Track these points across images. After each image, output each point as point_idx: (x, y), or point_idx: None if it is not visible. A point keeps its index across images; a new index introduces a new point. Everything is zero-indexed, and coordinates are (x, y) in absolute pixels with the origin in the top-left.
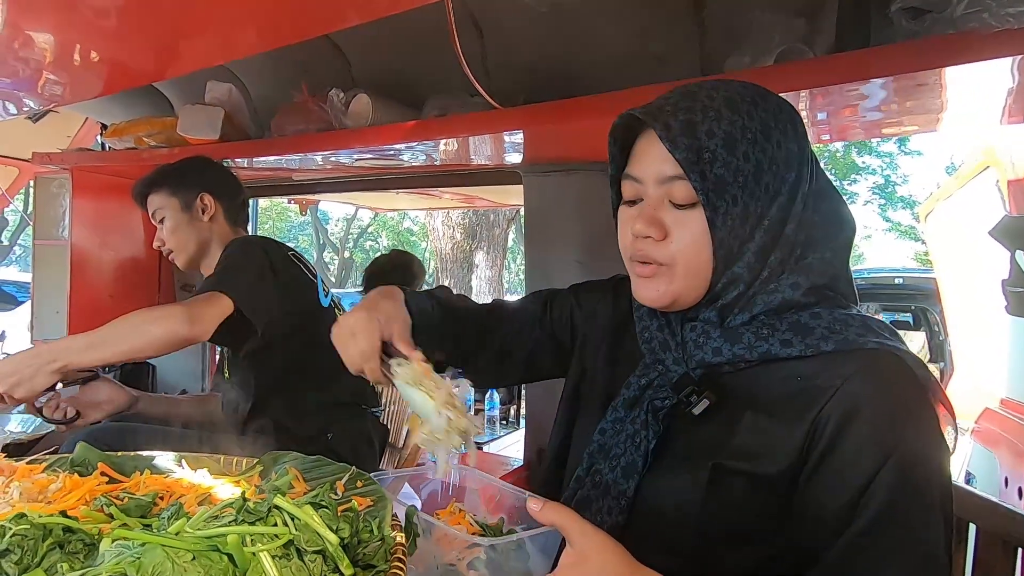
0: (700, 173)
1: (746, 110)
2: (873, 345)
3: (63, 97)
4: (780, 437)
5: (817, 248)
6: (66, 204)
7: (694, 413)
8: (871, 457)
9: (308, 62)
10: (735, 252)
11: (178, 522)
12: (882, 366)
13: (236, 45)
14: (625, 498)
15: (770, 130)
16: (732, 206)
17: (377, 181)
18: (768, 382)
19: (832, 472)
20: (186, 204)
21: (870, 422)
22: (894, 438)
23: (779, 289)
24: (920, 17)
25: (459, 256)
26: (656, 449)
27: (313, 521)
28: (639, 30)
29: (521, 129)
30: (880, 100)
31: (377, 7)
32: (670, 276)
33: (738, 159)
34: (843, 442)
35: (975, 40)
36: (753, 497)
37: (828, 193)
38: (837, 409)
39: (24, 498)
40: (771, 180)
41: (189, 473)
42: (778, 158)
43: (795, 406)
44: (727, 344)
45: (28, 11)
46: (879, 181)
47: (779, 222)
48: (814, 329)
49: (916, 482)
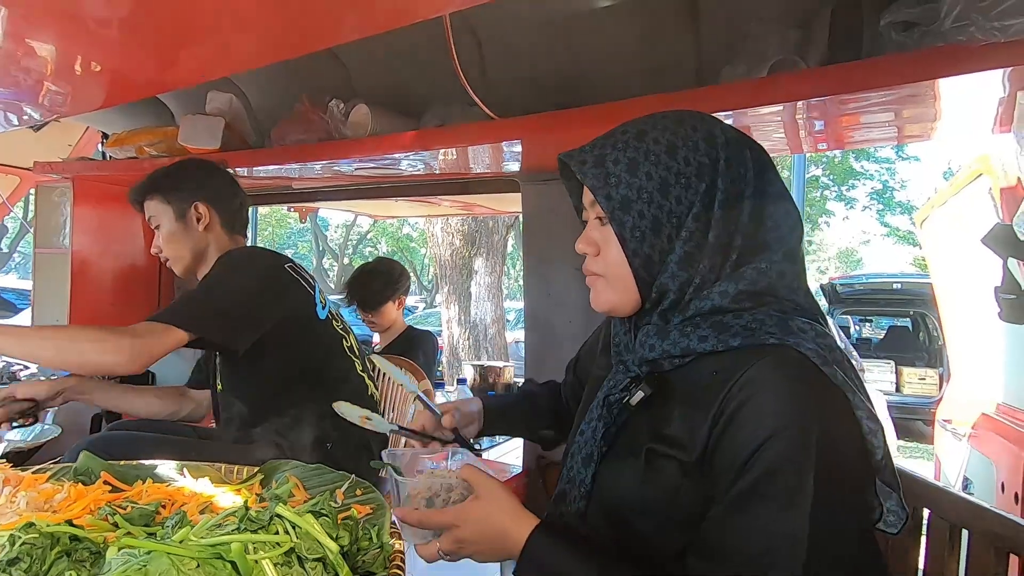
0: (607, 195)
1: (654, 136)
2: (775, 341)
3: (65, 108)
4: (697, 426)
5: (755, 257)
6: (67, 213)
7: (631, 404)
8: (755, 434)
9: (308, 72)
10: (656, 262)
11: (182, 530)
12: (778, 358)
13: (238, 58)
14: (584, 485)
15: (676, 149)
16: (639, 219)
17: (376, 189)
18: (696, 376)
19: (721, 455)
20: (180, 213)
21: (758, 405)
22: (777, 419)
23: (710, 296)
24: (910, 30)
25: (458, 262)
26: (612, 439)
27: (314, 529)
28: (636, 41)
29: (519, 139)
30: (873, 110)
31: (378, 22)
32: (604, 285)
33: (640, 178)
34: (734, 426)
35: (963, 53)
36: (683, 483)
37: (773, 202)
38: (734, 397)
39: (30, 507)
40: (681, 192)
41: (191, 482)
42: (686, 172)
43: (707, 397)
44: (659, 341)
45: (30, 22)
46: (877, 186)
47: (700, 231)
48: (730, 327)
49: (791, 463)
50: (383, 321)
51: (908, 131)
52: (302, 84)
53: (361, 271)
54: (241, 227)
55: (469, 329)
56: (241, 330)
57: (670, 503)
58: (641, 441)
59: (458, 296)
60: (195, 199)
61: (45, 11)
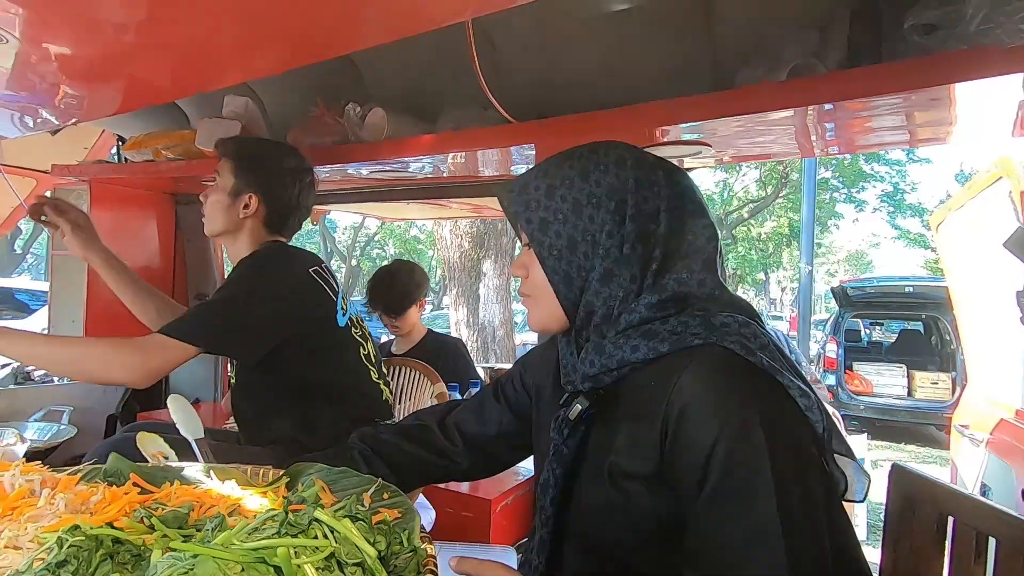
0: (527, 219)
1: (569, 164)
2: (699, 342)
3: (81, 113)
4: (644, 438)
5: (674, 267)
6: None
7: (570, 417)
8: (704, 437)
9: (323, 76)
10: (575, 278)
11: (224, 534)
12: (705, 358)
13: (256, 65)
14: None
15: (588, 172)
16: (556, 239)
17: (387, 192)
18: (635, 388)
19: (678, 458)
20: (236, 191)
21: (699, 409)
22: (719, 419)
23: (636, 309)
24: (933, 33)
25: (467, 265)
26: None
27: (352, 534)
28: (651, 44)
29: (535, 143)
30: (891, 115)
31: (397, 28)
32: (532, 305)
33: (556, 201)
34: (682, 434)
35: (988, 56)
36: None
37: (689, 217)
38: (675, 405)
39: (69, 509)
40: (593, 211)
41: (217, 484)
42: (597, 192)
43: (650, 408)
44: (597, 356)
45: (47, 27)
46: (888, 189)
47: (615, 247)
48: (658, 334)
49: (744, 456)
50: (405, 325)
51: (924, 135)
52: (317, 88)
53: (383, 276)
54: (283, 232)
55: (477, 331)
56: (257, 342)
57: (636, 518)
58: (602, 460)
59: (466, 298)
60: (254, 191)
61: (63, 17)
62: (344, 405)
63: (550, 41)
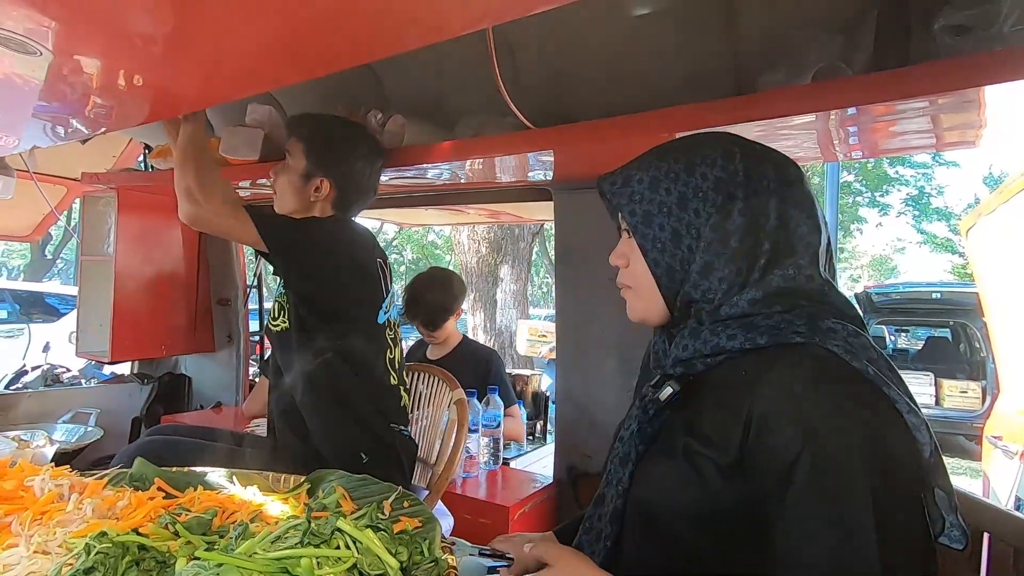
0: (630, 211)
1: (673, 156)
2: (800, 339)
3: (110, 123)
4: (728, 426)
5: (781, 262)
6: (111, 221)
7: (660, 400)
8: (793, 439)
9: (343, 84)
10: (677, 271)
11: (247, 543)
12: (802, 356)
13: (278, 74)
14: (621, 483)
15: (694, 165)
16: (660, 231)
17: (406, 198)
18: (726, 376)
19: (761, 459)
20: (307, 173)
21: (786, 407)
22: (809, 419)
23: (738, 303)
24: (964, 34)
25: (484, 270)
26: (649, 441)
27: (375, 545)
28: (673, 49)
29: (554, 149)
30: (917, 118)
31: (418, 37)
32: (634, 296)
33: (661, 194)
34: (765, 429)
35: (1022, 56)
36: (721, 482)
37: (798, 210)
38: (760, 398)
39: (96, 514)
40: (699, 205)
41: (240, 490)
42: (703, 186)
43: (736, 397)
44: (691, 341)
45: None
46: (912, 192)
47: (719, 241)
48: (758, 327)
49: (835, 458)
50: (441, 335)
51: (951, 138)
52: (337, 95)
53: (419, 288)
54: (350, 212)
55: (494, 336)
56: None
57: (706, 502)
58: (677, 440)
59: (483, 303)
60: (325, 175)
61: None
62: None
63: (569, 47)
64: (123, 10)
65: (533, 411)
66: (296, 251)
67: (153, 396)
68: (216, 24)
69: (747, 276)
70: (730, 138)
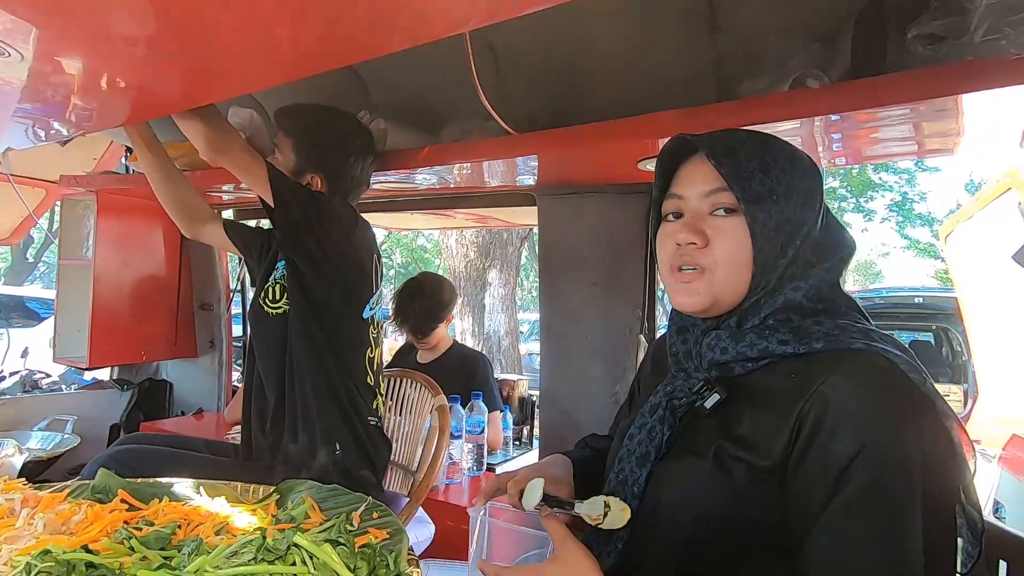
0: (741, 186)
1: (777, 145)
2: (860, 346)
3: (91, 124)
4: (773, 430)
5: (819, 264)
6: (91, 225)
7: (706, 407)
8: (846, 446)
9: (326, 87)
10: (771, 263)
11: (198, 560)
12: (864, 362)
13: (260, 77)
14: (637, 484)
15: (796, 162)
16: (769, 218)
17: (392, 202)
18: (770, 379)
19: (812, 464)
20: (298, 169)
21: (846, 413)
22: (873, 429)
23: (781, 291)
24: (937, 43)
25: (472, 274)
26: (670, 443)
27: (332, 560)
28: (654, 56)
29: (536, 154)
30: (897, 126)
31: (398, 39)
32: (710, 280)
33: (772, 180)
34: (821, 434)
35: (994, 67)
36: (752, 486)
37: (832, 223)
38: (817, 403)
39: (48, 530)
40: (798, 204)
41: (207, 501)
42: (803, 187)
43: (786, 400)
44: (732, 343)
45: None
46: (896, 198)
47: (802, 247)
48: (811, 332)
49: (891, 470)
50: (431, 341)
51: (931, 145)
52: (320, 99)
53: (409, 295)
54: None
55: (483, 341)
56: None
57: (733, 506)
58: (708, 442)
59: (472, 308)
60: (317, 170)
61: (74, 30)
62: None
63: (552, 52)
64: (101, 11)
65: (519, 416)
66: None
67: (133, 402)
68: (198, 25)
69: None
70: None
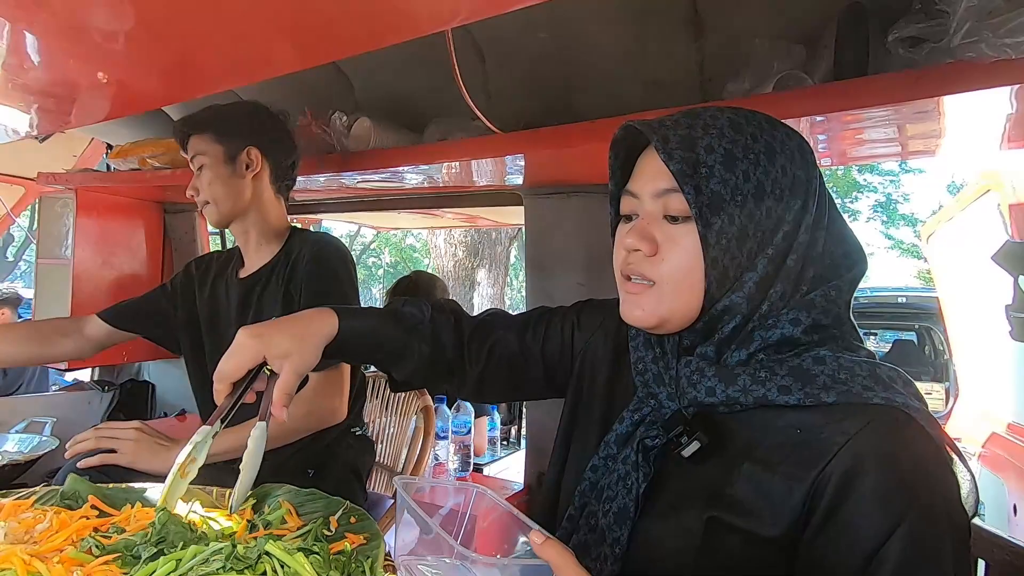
0: (695, 187)
1: (750, 132)
2: (880, 400)
3: (70, 120)
4: (779, 495)
5: (822, 284)
6: (69, 223)
7: (684, 455)
8: (880, 523)
9: (311, 85)
10: (731, 277)
11: (163, 567)
12: (890, 424)
13: (241, 72)
14: (619, 545)
15: (775, 154)
16: (728, 225)
17: (379, 202)
18: (766, 429)
19: (837, 536)
20: (230, 155)
21: (877, 485)
22: (904, 504)
23: (778, 324)
24: (918, 46)
25: (461, 274)
26: (649, 491)
27: (304, 570)
28: (639, 56)
29: (521, 153)
30: (879, 127)
31: (380, 36)
32: (658, 295)
33: (737, 177)
34: (848, 505)
35: (972, 70)
36: (750, 557)
37: (839, 228)
38: (840, 469)
39: (9, 539)
40: (774, 205)
41: (181, 506)
42: (782, 183)
43: (795, 461)
44: (721, 384)
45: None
46: (880, 199)
47: (782, 252)
48: (816, 377)
49: (928, 552)
50: None
51: (913, 147)
52: (304, 97)
53: (402, 293)
54: (287, 189)
55: None
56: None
57: (732, 573)
58: (697, 502)
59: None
60: (249, 144)
61: (51, 24)
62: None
63: (537, 51)
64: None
65: (507, 416)
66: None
67: (114, 404)
68: (178, 21)
69: (790, 300)
70: (794, 130)
